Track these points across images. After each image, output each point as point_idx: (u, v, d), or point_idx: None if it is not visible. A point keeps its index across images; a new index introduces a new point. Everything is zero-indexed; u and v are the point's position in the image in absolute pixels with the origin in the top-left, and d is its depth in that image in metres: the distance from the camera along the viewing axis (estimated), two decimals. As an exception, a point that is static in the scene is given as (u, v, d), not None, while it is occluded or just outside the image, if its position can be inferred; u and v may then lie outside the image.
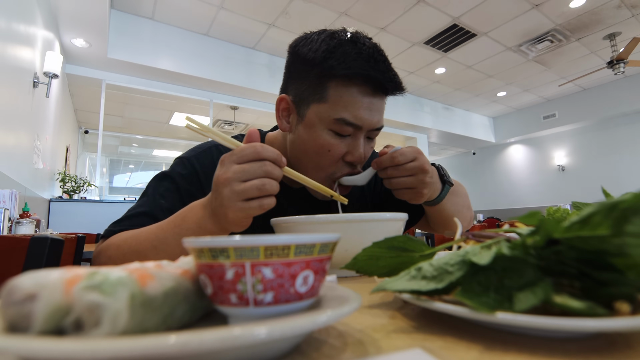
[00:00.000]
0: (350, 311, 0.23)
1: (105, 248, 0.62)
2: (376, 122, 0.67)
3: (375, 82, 0.64)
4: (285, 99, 0.70)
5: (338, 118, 0.64)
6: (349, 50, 0.63)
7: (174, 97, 4.95)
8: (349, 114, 0.64)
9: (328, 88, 0.64)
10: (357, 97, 0.64)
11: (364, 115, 0.65)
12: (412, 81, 5.99)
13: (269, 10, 4.00)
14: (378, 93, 0.66)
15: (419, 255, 0.37)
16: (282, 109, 0.71)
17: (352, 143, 0.67)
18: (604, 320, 0.21)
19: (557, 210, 0.48)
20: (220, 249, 0.23)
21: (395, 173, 0.65)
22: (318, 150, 0.67)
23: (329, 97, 0.64)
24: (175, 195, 0.69)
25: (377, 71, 0.63)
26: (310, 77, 0.66)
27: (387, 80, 0.65)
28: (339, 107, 0.64)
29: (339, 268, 0.44)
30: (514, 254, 0.26)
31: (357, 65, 0.62)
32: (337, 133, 0.66)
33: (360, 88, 0.64)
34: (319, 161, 0.67)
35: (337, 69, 0.62)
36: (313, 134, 0.66)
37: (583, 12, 4.18)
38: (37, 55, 2.90)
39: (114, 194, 8.08)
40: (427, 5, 3.94)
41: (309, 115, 0.67)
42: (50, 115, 3.52)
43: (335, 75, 0.63)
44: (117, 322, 0.19)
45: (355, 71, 0.62)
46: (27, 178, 2.73)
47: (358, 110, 0.64)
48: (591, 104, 6.61)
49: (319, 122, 0.66)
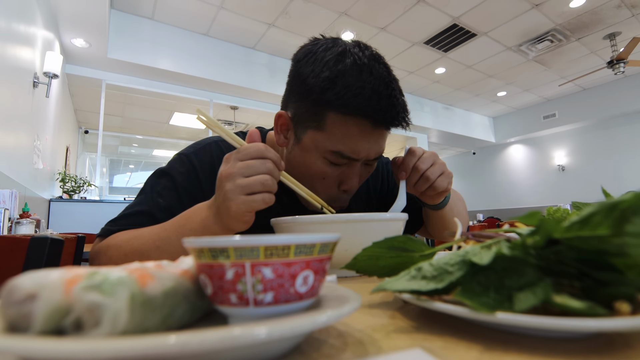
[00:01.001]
0: (350, 311, 0.23)
1: (104, 248, 0.61)
2: (374, 153, 0.65)
3: (376, 119, 0.60)
4: (284, 115, 0.68)
5: (334, 150, 0.62)
6: (352, 82, 0.58)
7: (174, 97, 4.96)
8: (346, 148, 0.62)
9: (326, 118, 0.61)
10: (354, 131, 0.61)
11: (361, 149, 0.63)
12: (412, 81, 5.99)
13: (269, 10, 3.99)
14: (379, 127, 0.62)
15: (419, 255, 0.37)
16: (281, 125, 0.69)
17: (347, 172, 0.66)
18: (604, 320, 0.21)
19: (557, 210, 0.48)
20: (220, 249, 0.23)
21: (423, 165, 0.68)
22: (312, 176, 0.66)
23: (327, 127, 0.61)
24: (173, 193, 0.68)
25: (378, 110, 0.59)
26: (309, 103, 0.62)
27: (389, 118, 0.61)
28: (335, 140, 0.62)
29: (339, 268, 0.44)
30: (514, 254, 0.26)
31: (356, 103, 0.58)
32: (332, 162, 0.64)
33: (359, 123, 0.60)
34: (312, 185, 0.66)
35: (334, 104, 0.59)
36: (308, 160, 0.65)
37: (583, 12, 4.18)
38: (37, 55, 2.90)
39: (114, 194, 8.08)
40: (427, 5, 3.94)
41: (305, 140, 0.65)
42: (50, 115, 3.52)
43: (334, 107, 0.60)
44: (117, 322, 0.19)
45: (353, 110, 0.59)
46: (27, 178, 2.73)
47: (355, 144, 0.62)
48: (591, 104, 6.61)
49: (315, 150, 0.64)
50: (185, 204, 0.64)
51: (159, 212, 0.65)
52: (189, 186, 0.69)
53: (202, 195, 0.67)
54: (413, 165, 0.68)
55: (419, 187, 0.69)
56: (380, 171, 0.92)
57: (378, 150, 0.66)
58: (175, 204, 0.67)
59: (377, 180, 0.91)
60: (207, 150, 0.74)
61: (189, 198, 0.67)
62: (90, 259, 0.65)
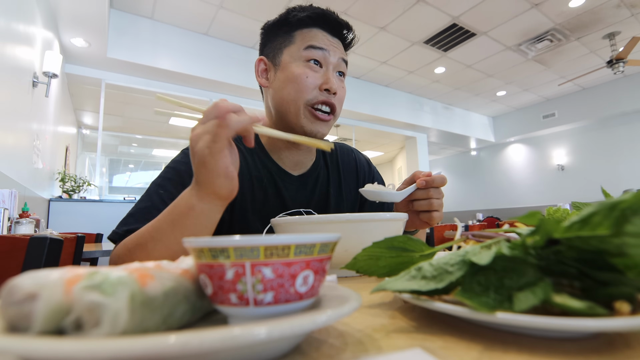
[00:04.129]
0: (350, 311, 0.23)
1: (118, 249, 0.62)
2: (340, 52, 0.81)
3: (331, 23, 0.80)
4: (263, 59, 0.83)
5: (307, 45, 0.77)
6: (306, 6, 0.81)
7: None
8: (314, 42, 0.78)
9: (295, 34, 0.79)
10: (318, 34, 0.79)
11: (326, 44, 0.79)
12: (412, 81, 5.99)
13: (269, 9, 3.99)
14: (335, 35, 0.82)
15: (419, 255, 0.37)
16: (261, 70, 0.84)
17: (325, 74, 0.78)
18: (604, 320, 0.21)
19: (557, 210, 0.48)
20: (220, 249, 0.23)
21: (435, 194, 0.71)
22: (296, 79, 0.76)
23: (296, 38, 0.79)
24: (175, 181, 0.70)
25: (329, 14, 0.80)
26: (281, 33, 0.81)
27: (339, 26, 0.81)
28: (305, 40, 0.78)
29: (339, 268, 0.44)
30: (514, 254, 0.26)
31: (312, 9, 0.79)
32: (310, 62, 0.77)
33: (319, 30, 0.80)
34: (298, 89, 0.76)
35: (299, 14, 0.79)
36: (290, 70, 0.77)
37: (582, 12, 4.18)
38: (36, 54, 2.89)
39: (114, 194, 8.06)
40: (426, 4, 3.94)
41: (283, 58, 0.79)
42: (49, 114, 3.52)
43: (299, 21, 0.79)
44: (117, 322, 0.19)
45: (311, 12, 0.79)
46: (26, 178, 2.72)
47: (320, 40, 0.79)
48: (591, 104, 6.62)
49: (292, 60, 0.78)
50: None
51: (162, 203, 0.66)
52: (191, 171, 0.71)
53: None
54: (431, 186, 0.71)
55: (419, 205, 0.72)
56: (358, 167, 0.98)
57: (342, 53, 0.82)
58: (178, 192, 0.67)
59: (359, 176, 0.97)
60: None
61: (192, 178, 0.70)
62: (110, 264, 0.64)
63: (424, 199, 0.71)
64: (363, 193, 0.68)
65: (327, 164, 0.92)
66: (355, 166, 0.97)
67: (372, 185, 0.69)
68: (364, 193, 0.68)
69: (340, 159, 0.95)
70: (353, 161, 0.97)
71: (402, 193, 0.69)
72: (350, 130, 6.68)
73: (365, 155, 1.03)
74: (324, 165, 0.91)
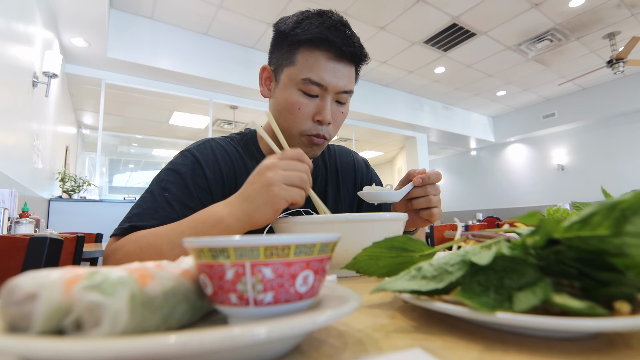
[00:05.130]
0: (350, 311, 0.23)
1: (122, 244, 0.62)
2: (342, 85, 0.74)
3: (337, 48, 0.72)
4: (267, 68, 0.81)
5: (304, 78, 0.72)
6: (314, 21, 0.73)
7: (173, 97, 4.95)
8: (314, 75, 0.72)
9: (297, 53, 0.73)
10: (321, 60, 0.72)
11: (327, 77, 0.72)
12: (412, 80, 5.99)
13: (269, 9, 3.99)
14: (342, 59, 0.73)
15: (419, 255, 0.37)
16: (265, 78, 0.82)
17: (320, 104, 0.74)
18: (604, 320, 0.21)
19: (557, 210, 0.48)
20: (220, 249, 0.23)
21: (432, 191, 0.71)
22: (289, 107, 0.74)
23: (297, 61, 0.73)
24: (180, 184, 0.71)
25: (337, 37, 0.71)
26: (284, 46, 0.76)
27: (346, 45, 0.72)
28: (305, 69, 0.72)
29: (339, 268, 0.44)
30: (514, 254, 0.26)
31: (318, 31, 0.71)
32: (306, 93, 0.73)
33: (324, 53, 0.72)
34: (291, 119, 0.75)
35: (301, 35, 0.72)
36: (286, 94, 0.75)
37: (582, 12, 4.18)
38: (36, 54, 2.89)
39: (114, 194, 8.05)
40: (426, 4, 3.93)
41: (282, 77, 0.76)
42: (49, 114, 3.51)
43: (302, 41, 0.72)
44: (117, 322, 0.19)
45: (316, 36, 0.71)
46: (26, 177, 2.72)
47: (322, 72, 0.72)
48: (591, 103, 6.61)
49: (290, 83, 0.74)
50: (194, 193, 0.70)
51: (168, 205, 0.68)
52: (194, 175, 0.73)
53: (206, 184, 0.73)
54: (427, 182, 0.71)
55: (418, 203, 0.72)
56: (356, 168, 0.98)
57: (346, 84, 0.75)
58: (183, 194, 0.70)
59: (357, 177, 0.97)
60: (207, 145, 0.80)
61: (196, 186, 0.71)
62: (105, 257, 0.65)
63: (422, 196, 0.71)
64: (362, 196, 0.68)
65: (326, 165, 0.93)
66: (353, 167, 0.97)
67: (370, 187, 0.69)
68: (362, 196, 0.68)
69: (338, 160, 0.96)
70: (351, 162, 0.98)
71: (400, 192, 0.70)
72: (350, 130, 6.68)
73: (363, 157, 1.04)
74: (322, 166, 0.92)
